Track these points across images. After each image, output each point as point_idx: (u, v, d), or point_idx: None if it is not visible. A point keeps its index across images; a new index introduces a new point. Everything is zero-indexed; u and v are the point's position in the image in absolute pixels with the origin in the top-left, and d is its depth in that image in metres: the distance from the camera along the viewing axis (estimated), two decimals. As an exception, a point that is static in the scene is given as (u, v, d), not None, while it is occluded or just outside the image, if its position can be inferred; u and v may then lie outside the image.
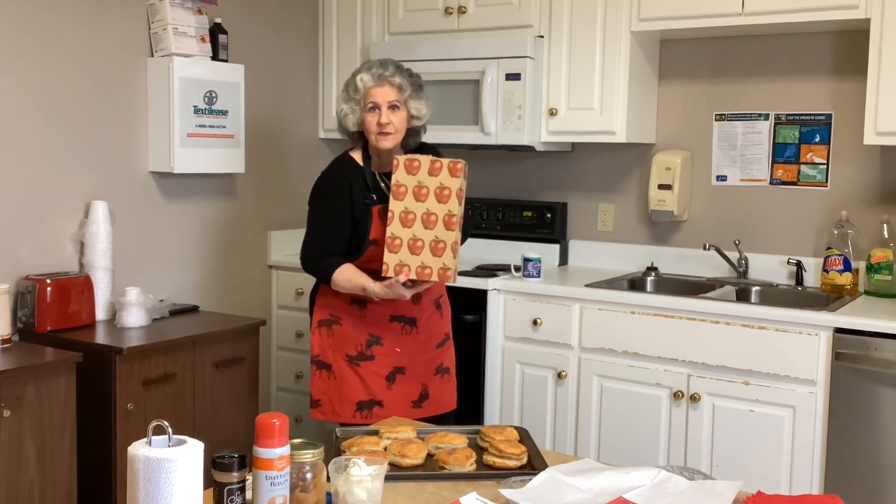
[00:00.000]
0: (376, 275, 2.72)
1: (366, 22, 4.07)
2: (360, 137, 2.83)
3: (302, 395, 4.03)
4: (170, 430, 1.33)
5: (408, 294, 2.69)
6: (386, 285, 2.67)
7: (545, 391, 3.41)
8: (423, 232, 2.63)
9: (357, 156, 2.84)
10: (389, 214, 2.64)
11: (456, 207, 2.61)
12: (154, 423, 1.33)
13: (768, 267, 3.58)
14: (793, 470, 2.96)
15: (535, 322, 3.40)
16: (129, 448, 1.31)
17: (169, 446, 1.33)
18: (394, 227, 2.64)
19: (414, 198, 2.62)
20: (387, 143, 2.74)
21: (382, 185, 2.80)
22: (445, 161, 2.63)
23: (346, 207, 2.76)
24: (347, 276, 2.74)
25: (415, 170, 2.62)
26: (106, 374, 2.87)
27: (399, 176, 2.63)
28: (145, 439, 1.33)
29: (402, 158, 2.65)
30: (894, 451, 2.80)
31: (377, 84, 2.72)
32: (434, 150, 2.91)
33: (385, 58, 2.84)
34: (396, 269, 2.63)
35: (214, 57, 3.58)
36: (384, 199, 2.74)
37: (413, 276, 2.63)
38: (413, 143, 2.88)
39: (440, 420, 2.89)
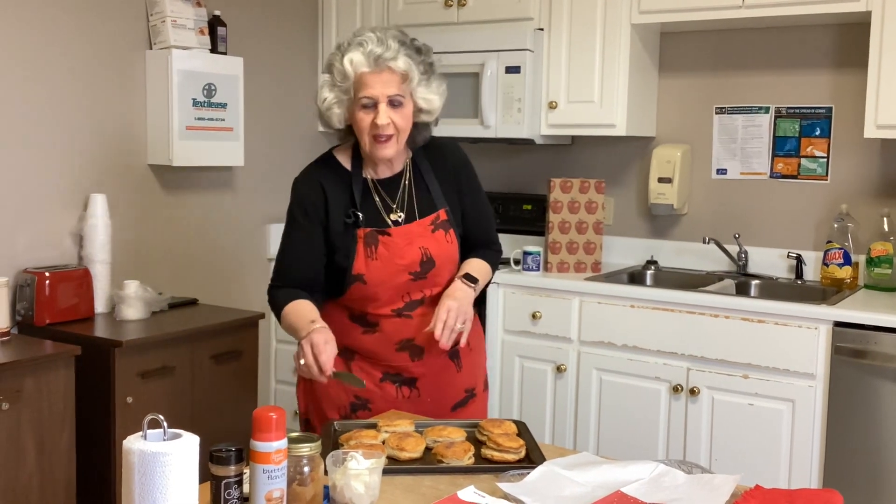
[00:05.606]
0: (366, 319, 2.14)
1: (365, 14, 4.06)
2: (349, 133, 2.13)
3: (301, 389, 4.03)
4: (165, 423, 1.32)
5: (319, 376, 1.98)
6: (323, 337, 1.98)
7: (544, 385, 3.41)
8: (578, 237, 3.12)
9: (344, 157, 2.16)
10: (549, 225, 2.92)
11: (603, 216, 3.02)
12: (149, 417, 1.32)
13: (768, 260, 3.58)
14: (792, 464, 2.96)
15: (534, 315, 3.39)
16: (124, 442, 1.31)
17: (164, 440, 1.32)
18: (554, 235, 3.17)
19: (569, 210, 3.05)
20: (386, 150, 2.05)
21: (377, 197, 2.13)
22: (593, 181, 3.16)
23: (316, 229, 2.11)
24: (294, 315, 2.08)
25: (568, 189, 3.08)
26: (105, 367, 2.87)
27: (556, 195, 3.23)
28: (140, 433, 1.32)
29: (557, 181, 3.20)
30: (893, 445, 2.80)
31: (373, 69, 1.99)
32: (454, 146, 2.28)
33: (382, 27, 2.17)
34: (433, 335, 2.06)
35: (213, 49, 3.57)
36: (376, 219, 2.10)
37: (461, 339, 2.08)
38: (421, 140, 2.18)
39: None
